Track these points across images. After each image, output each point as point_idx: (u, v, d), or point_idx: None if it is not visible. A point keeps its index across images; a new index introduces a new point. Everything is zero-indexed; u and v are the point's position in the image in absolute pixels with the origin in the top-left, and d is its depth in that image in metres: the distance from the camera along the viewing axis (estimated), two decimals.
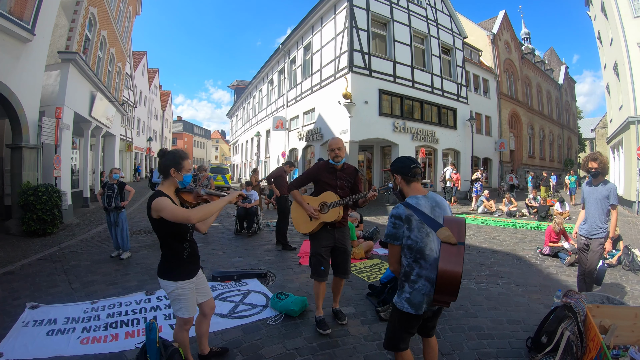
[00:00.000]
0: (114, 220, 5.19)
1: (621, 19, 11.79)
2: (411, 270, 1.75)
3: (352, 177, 2.99)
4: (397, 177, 1.93)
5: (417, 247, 1.72)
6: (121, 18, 13.13)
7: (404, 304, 1.76)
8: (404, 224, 1.74)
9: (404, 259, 1.77)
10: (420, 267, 1.73)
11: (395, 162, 1.97)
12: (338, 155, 2.92)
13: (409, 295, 1.74)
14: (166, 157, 2.06)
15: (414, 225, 1.73)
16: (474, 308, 3.42)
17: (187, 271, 2.06)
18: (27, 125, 6.77)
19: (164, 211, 1.87)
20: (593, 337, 2.10)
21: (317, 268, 2.91)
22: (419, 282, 1.72)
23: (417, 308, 1.73)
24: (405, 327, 1.82)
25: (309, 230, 2.94)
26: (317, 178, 3.02)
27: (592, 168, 3.35)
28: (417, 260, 1.73)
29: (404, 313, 1.76)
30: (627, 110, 11.89)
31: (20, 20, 6.21)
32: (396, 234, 1.75)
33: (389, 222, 1.78)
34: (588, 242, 3.43)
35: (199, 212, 1.91)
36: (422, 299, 1.72)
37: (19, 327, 2.90)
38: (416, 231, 1.73)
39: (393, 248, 1.78)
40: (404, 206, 1.76)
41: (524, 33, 31.26)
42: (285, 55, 17.77)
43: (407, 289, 1.76)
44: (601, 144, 33.21)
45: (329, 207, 2.86)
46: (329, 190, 2.92)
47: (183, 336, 2.14)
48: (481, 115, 19.52)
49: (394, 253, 1.79)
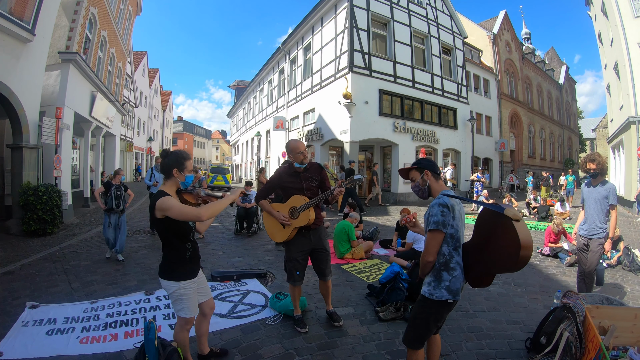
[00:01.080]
0: (115, 222, 5.08)
1: (621, 18, 11.78)
2: (451, 259, 1.83)
3: (317, 175, 2.92)
4: (428, 174, 2.01)
5: (457, 235, 1.85)
6: (121, 18, 13.14)
7: (443, 292, 1.82)
8: (450, 213, 1.82)
9: (446, 248, 1.84)
10: (458, 255, 1.85)
11: (423, 160, 2.08)
12: (306, 157, 2.86)
13: (449, 284, 1.82)
14: (169, 158, 2.07)
15: (456, 214, 1.85)
16: (473, 309, 3.42)
17: (189, 271, 2.07)
18: (28, 125, 6.78)
19: (171, 210, 1.88)
20: (592, 338, 2.10)
21: (292, 273, 2.90)
22: (457, 270, 1.83)
23: (455, 294, 1.83)
24: (439, 318, 1.90)
25: (284, 238, 2.87)
26: (280, 185, 2.93)
27: (590, 169, 3.36)
28: (456, 248, 1.84)
29: (441, 302, 1.83)
30: (628, 111, 11.87)
31: (21, 20, 6.21)
32: (445, 222, 1.80)
33: (437, 211, 1.82)
34: (588, 243, 3.42)
35: (208, 209, 1.93)
36: (459, 285, 1.83)
37: (19, 326, 2.91)
38: (458, 220, 1.86)
39: (439, 236, 1.81)
40: (448, 197, 1.87)
41: (524, 33, 31.24)
42: (286, 55, 17.78)
43: (446, 277, 1.83)
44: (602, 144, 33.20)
45: (299, 211, 2.79)
46: (296, 194, 2.85)
47: (183, 336, 2.14)
48: (482, 115, 19.51)
49: (437, 242, 1.82)
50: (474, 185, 12.53)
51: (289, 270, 2.91)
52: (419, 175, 2.04)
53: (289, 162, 2.95)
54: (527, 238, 1.54)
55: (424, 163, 2.05)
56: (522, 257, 1.54)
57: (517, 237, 1.53)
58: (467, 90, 16.59)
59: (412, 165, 2.08)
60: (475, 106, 18.14)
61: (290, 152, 2.87)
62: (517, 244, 1.53)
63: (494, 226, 1.70)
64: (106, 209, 5.08)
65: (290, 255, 2.90)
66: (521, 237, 1.53)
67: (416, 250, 4.87)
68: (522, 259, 1.55)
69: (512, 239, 1.56)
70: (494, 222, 1.71)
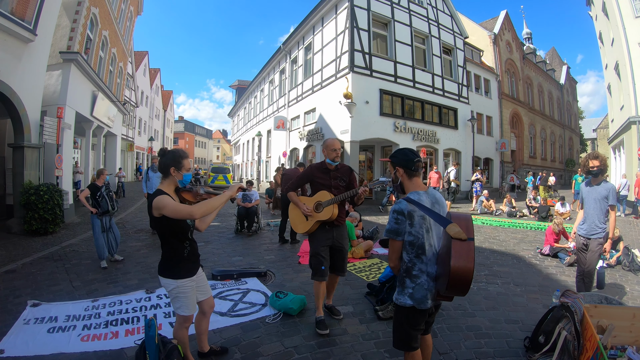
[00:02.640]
0: (107, 225, 4.82)
1: (622, 19, 11.77)
2: (413, 266, 1.75)
3: (346, 176, 3.03)
4: (399, 170, 1.88)
5: (418, 242, 1.73)
6: (122, 18, 13.18)
7: (406, 299, 1.75)
8: (406, 220, 1.72)
9: (405, 255, 1.77)
10: (422, 262, 1.74)
11: (397, 153, 1.91)
12: (338, 155, 2.97)
13: (412, 291, 1.74)
14: (166, 156, 2.08)
15: (415, 220, 1.73)
16: (472, 308, 3.43)
17: (187, 269, 2.09)
18: (29, 125, 6.81)
19: (166, 208, 1.89)
20: (590, 337, 2.11)
21: (318, 268, 2.91)
22: (421, 278, 1.73)
23: (420, 303, 1.72)
24: (411, 323, 1.79)
25: (306, 230, 2.98)
26: (311, 179, 3.06)
27: (593, 167, 3.33)
28: (418, 255, 1.74)
29: (408, 309, 1.75)
30: (629, 111, 11.86)
31: (22, 20, 6.24)
32: (398, 230, 1.73)
33: (391, 218, 1.75)
34: (587, 242, 3.43)
35: (201, 207, 1.94)
36: (425, 293, 1.72)
37: (20, 324, 2.93)
38: (417, 227, 1.73)
39: (395, 244, 1.77)
40: (406, 202, 1.75)
41: (525, 33, 31.19)
42: (287, 55, 17.79)
43: (409, 285, 1.76)
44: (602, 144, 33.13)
45: (323, 206, 2.89)
46: (324, 190, 2.95)
47: (183, 334, 2.16)
48: (482, 115, 19.50)
49: (395, 249, 1.78)
50: (473, 185, 12.53)
51: (314, 265, 2.93)
52: (393, 170, 1.93)
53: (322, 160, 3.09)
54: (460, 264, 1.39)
55: (397, 157, 1.89)
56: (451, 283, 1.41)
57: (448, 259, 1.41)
58: (468, 90, 16.58)
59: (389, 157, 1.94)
60: (476, 106, 18.13)
61: (325, 148, 3.01)
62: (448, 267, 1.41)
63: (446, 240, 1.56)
64: (100, 212, 4.73)
65: (314, 250, 2.95)
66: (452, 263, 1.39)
67: None
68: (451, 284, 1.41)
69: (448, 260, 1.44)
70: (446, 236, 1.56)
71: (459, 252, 1.42)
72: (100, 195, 4.77)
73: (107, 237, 4.81)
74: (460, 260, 1.40)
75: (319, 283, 2.93)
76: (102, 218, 4.78)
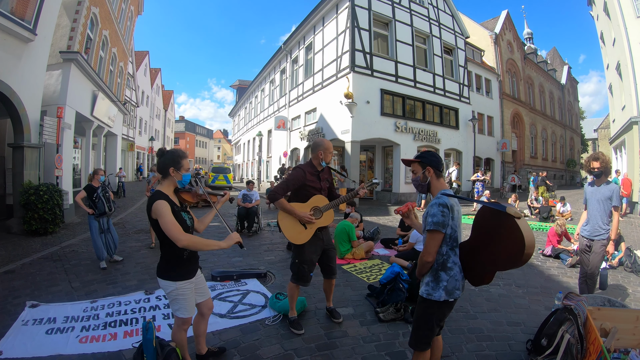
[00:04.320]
0: (105, 226, 4.76)
1: (624, 18, 11.71)
2: (448, 259, 1.83)
3: (329, 177, 2.97)
4: (430, 170, 1.95)
5: (455, 235, 1.84)
6: (123, 18, 13.16)
7: (441, 293, 1.81)
8: (450, 213, 1.81)
9: (444, 248, 1.83)
10: (455, 255, 1.85)
11: (427, 154, 2.00)
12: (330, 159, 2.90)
13: (446, 284, 1.81)
14: (165, 156, 2.06)
15: (455, 214, 1.84)
16: (474, 310, 3.40)
17: (186, 271, 2.06)
18: (29, 125, 6.80)
19: (161, 219, 1.87)
20: (593, 341, 2.08)
21: (304, 275, 2.83)
22: (454, 269, 1.83)
23: (451, 294, 1.81)
24: (441, 317, 1.88)
25: (307, 239, 2.79)
26: (303, 183, 2.80)
27: (594, 168, 3.32)
28: (453, 248, 1.84)
29: (440, 303, 1.82)
30: (630, 111, 11.81)
31: (22, 20, 6.23)
32: (444, 222, 1.78)
33: (437, 211, 1.79)
34: (590, 244, 3.40)
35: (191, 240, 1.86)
36: (456, 284, 1.82)
37: (19, 325, 2.91)
38: (456, 220, 1.85)
39: (438, 236, 1.79)
40: (447, 197, 1.84)
41: (526, 33, 31.13)
42: (287, 55, 17.77)
43: (444, 277, 1.82)
44: (604, 144, 33.07)
45: (322, 211, 2.79)
46: (316, 194, 2.82)
47: (181, 336, 2.14)
48: (483, 115, 19.44)
49: (438, 242, 1.80)
50: (475, 185, 12.50)
51: (302, 272, 2.83)
52: (420, 170, 1.97)
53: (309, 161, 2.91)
54: (530, 236, 1.56)
55: (428, 158, 1.96)
56: (526, 255, 1.56)
57: (521, 235, 1.55)
58: (469, 90, 16.55)
59: (416, 157, 2.00)
60: (477, 106, 18.08)
61: (324, 150, 2.82)
62: (522, 242, 1.55)
63: (496, 225, 1.70)
64: (97, 214, 4.67)
65: (305, 258, 2.82)
66: (525, 235, 1.56)
67: (417, 250, 4.85)
68: (525, 256, 1.57)
69: (516, 237, 1.57)
70: (495, 221, 1.71)
71: (525, 228, 1.57)
72: (96, 197, 4.69)
73: (105, 239, 4.76)
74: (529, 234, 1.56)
75: (297, 287, 2.90)
76: (99, 219, 4.73)
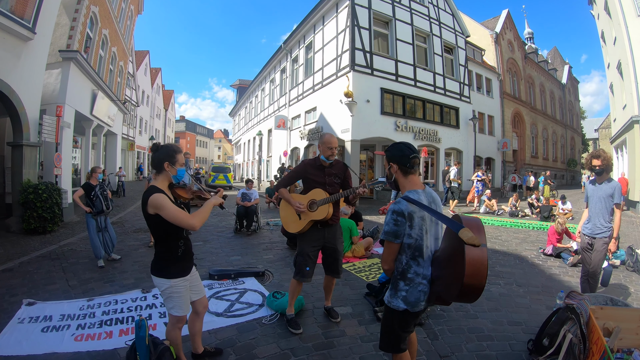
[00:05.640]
0: (103, 225, 4.74)
1: (625, 17, 11.65)
2: (408, 269, 1.67)
3: (341, 173, 2.91)
4: (393, 167, 1.76)
5: (416, 244, 1.65)
6: (123, 17, 13.15)
7: (399, 302, 1.69)
8: (406, 221, 1.62)
9: (403, 257, 1.68)
10: (418, 265, 1.66)
11: (392, 148, 1.79)
12: (334, 154, 2.85)
13: (405, 294, 1.68)
14: (160, 151, 2.02)
15: (415, 222, 1.63)
16: (474, 309, 3.36)
17: (181, 269, 2.03)
18: (28, 124, 6.78)
19: (164, 210, 1.84)
20: (596, 340, 2.04)
21: (302, 268, 2.82)
22: (416, 280, 1.66)
23: (413, 306, 1.66)
24: (402, 326, 1.74)
25: (298, 229, 2.84)
26: (304, 176, 2.90)
27: (595, 166, 3.29)
28: (415, 257, 1.66)
29: (401, 312, 1.69)
30: (631, 110, 11.75)
31: (22, 19, 6.21)
32: (397, 232, 1.62)
33: (390, 219, 1.64)
34: (592, 242, 3.36)
35: (198, 217, 1.90)
36: (419, 296, 1.66)
37: (15, 323, 2.89)
38: (417, 229, 1.64)
39: (391, 246, 1.66)
40: (406, 201, 1.63)
41: (527, 32, 31.07)
42: (287, 54, 17.75)
43: (402, 287, 1.69)
44: (604, 144, 32.95)
45: (317, 205, 2.78)
46: (318, 188, 2.83)
47: (175, 334, 2.10)
48: (484, 114, 19.41)
49: (392, 251, 1.67)
50: (475, 184, 12.44)
51: (299, 264, 2.84)
52: (387, 165, 1.81)
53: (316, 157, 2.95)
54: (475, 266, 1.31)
55: (390, 152, 1.78)
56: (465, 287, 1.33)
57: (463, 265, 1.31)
58: (470, 90, 16.51)
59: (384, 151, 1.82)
60: (478, 105, 18.05)
61: (322, 144, 2.84)
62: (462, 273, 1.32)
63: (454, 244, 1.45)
64: (94, 212, 4.66)
65: (302, 250, 2.84)
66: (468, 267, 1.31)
67: None
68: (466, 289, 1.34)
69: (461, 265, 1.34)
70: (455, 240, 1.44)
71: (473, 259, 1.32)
72: (94, 195, 4.68)
73: (103, 237, 4.74)
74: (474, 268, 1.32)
75: (298, 283, 2.87)
76: (97, 218, 4.72)
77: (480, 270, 1.32)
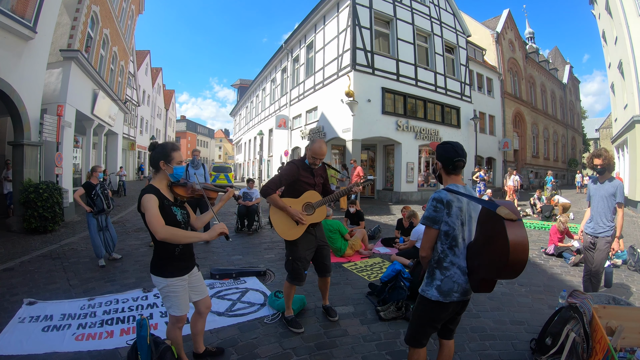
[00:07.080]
0: (103, 224, 4.74)
1: (626, 17, 11.62)
2: (445, 257, 1.74)
3: (324, 173, 2.93)
4: (438, 164, 1.86)
5: (453, 233, 1.73)
6: (124, 16, 13.15)
7: (433, 292, 1.75)
8: (445, 209, 1.72)
9: (439, 245, 1.76)
10: (454, 255, 1.74)
11: (441, 147, 1.87)
12: (317, 165, 2.82)
13: (440, 283, 1.74)
14: (155, 150, 2.02)
15: (453, 211, 1.73)
16: (477, 308, 3.35)
17: (178, 268, 2.01)
18: (29, 123, 6.78)
19: (146, 212, 1.84)
20: (600, 339, 2.03)
21: (298, 273, 2.79)
22: (452, 270, 1.73)
23: (446, 296, 1.72)
24: (433, 318, 1.79)
25: (298, 236, 2.75)
26: (296, 178, 2.79)
27: (597, 165, 3.28)
28: (451, 247, 1.74)
29: (433, 302, 1.75)
30: (632, 110, 11.73)
31: (22, 18, 6.20)
32: (436, 218, 1.72)
33: (430, 205, 1.74)
34: (594, 241, 3.35)
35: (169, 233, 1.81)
36: (453, 286, 1.73)
37: (15, 323, 2.89)
38: (454, 217, 1.73)
39: (430, 232, 1.75)
40: (446, 191, 1.74)
41: (528, 32, 31.00)
42: (288, 54, 17.73)
43: (438, 276, 1.75)
44: (605, 144, 32.92)
45: (314, 207, 2.75)
46: (309, 190, 2.79)
47: (176, 334, 2.09)
48: (485, 114, 19.38)
49: (430, 237, 1.76)
50: (477, 184, 12.43)
51: (296, 270, 2.78)
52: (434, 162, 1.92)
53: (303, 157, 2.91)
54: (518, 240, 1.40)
55: (438, 152, 1.88)
56: (511, 262, 1.41)
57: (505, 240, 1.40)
58: (471, 89, 16.48)
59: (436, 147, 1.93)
60: (479, 105, 18.02)
61: (309, 150, 2.76)
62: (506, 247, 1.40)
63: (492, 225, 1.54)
64: (95, 211, 4.65)
65: (299, 255, 2.78)
66: (510, 239, 1.40)
67: (418, 248, 4.80)
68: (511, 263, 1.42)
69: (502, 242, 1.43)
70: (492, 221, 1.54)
71: (514, 231, 1.42)
72: (95, 194, 4.66)
73: (104, 236, 4.74)
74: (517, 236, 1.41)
75: (292, 286, 2.85)
76: (97, 217, 4.71)
77: (522, 244, 1.41)
